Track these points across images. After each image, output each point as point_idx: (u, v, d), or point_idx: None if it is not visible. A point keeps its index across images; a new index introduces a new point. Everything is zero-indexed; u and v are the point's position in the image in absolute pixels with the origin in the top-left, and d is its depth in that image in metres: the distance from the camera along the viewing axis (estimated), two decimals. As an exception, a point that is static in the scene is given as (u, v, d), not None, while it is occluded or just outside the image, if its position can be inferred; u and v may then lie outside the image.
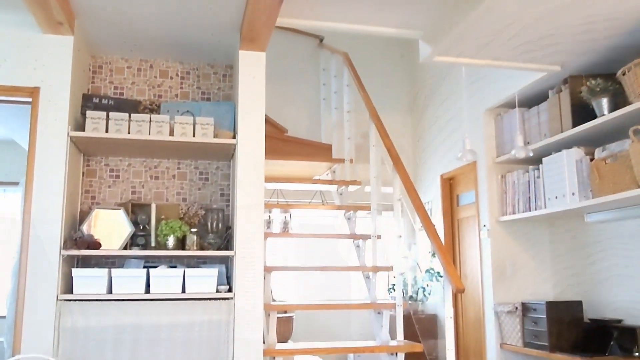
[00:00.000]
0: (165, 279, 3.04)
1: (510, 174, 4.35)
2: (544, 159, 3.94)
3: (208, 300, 3.04)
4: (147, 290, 3.03)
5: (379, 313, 3.73)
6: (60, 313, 2.89)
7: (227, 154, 3.44)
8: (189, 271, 3.08)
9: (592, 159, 3.54)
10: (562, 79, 3.84)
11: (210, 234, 3.27)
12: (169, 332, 2.97)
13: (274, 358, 3.24)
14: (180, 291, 3.04)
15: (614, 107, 3.39)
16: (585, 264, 4.09)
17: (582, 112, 3.64)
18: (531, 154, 3.89)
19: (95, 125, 3.11)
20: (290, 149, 4.42)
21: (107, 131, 3.11)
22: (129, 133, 3.13)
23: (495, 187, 4.48)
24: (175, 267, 3.22)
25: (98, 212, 3.19)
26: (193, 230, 3.22)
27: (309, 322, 5.44)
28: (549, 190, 3.87)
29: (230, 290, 3.13)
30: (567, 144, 3.79)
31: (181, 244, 3.21)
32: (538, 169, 4.02)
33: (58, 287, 2.91)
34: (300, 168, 4.58)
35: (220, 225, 3.32)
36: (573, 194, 3.63)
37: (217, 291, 3.09)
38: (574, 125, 3.67)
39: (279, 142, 4.45)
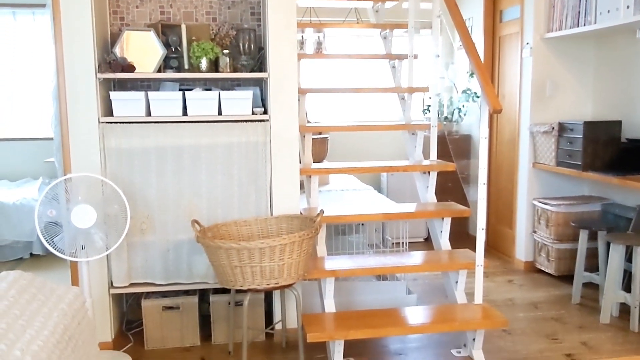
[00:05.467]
0: (201, 102, 3.06)
1: (561, -14, 4.02)
2: (600, -32, 3.60)
3: (244, 122, 3.09)
4: (185, 113, 3.08)
5: (413, 134, 3.76)
6: (104, 135, 3.00)
7: (256, -32, 3.24)
8: (224, 94, 3.08)
9: (655, -33, 3.21)
10: None
11: (242, 56, 3.21)
12: (209, 152, 3.08)
13: (310, 177, 3.36)
14: (217, 113, 3.08)
15: None
16: (630, 83, 3.93)
17: None
18: (587, -37, 3.55)
19: (115, -62, 2.91)
20: (323, -38, 4.12)
21: (128, -55, 2.92)
22: (151, -53, 2.94)
23: (542, 1, 4.18)
24: (210, 89, 3.22)
25: (129, 33, 3.12)
26: (225, 51, 3.16)
27: (344, 143, 5.55)
28: (601, 3, 3.59)
29: (265, 112, 3.15)
30: (628, -50, 3.43)
31: (214, 66, 3.17)
32: (592, -21, 3.70)
33: (98, 110, 2.97)
34: (333, -17, 4.32)
35: (252, 46, 3.24)
36: (627, 7, 3.37)
37: (253, 113, 3.12)
38: None
39: (311, -46, 4.14)
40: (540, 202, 4.26)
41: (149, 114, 3.05)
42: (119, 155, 3.02)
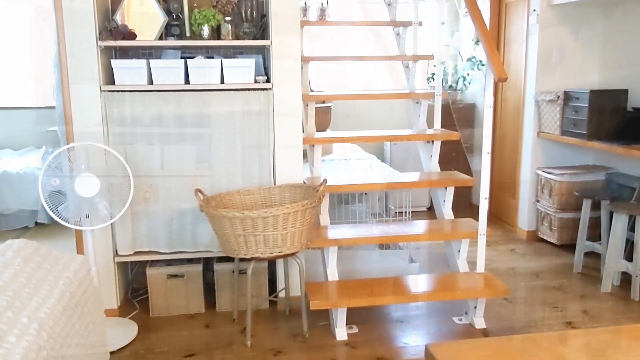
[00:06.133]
0: (204, 70, 3.03)
1: (570, -50, 3.93)
2: None
3: (247, 91, 3.07)
4: (187, 81, 3.06)
5: (417, 103, 3.73)
6: (106, 103, 2.98)
7: None
8: (226, 62, 3.05)
9: None
10: None
11: (245, 23, 3.16)
12: (211, 122, 3.06)
13: (313, 146, 3.35)
14: (219, 82, 3.06)
15: None
16: (638, 51, 3.88)
17: None
18: None
19: None
20: None
21: None
22: None
23: (550, -33, 4.10)
24: (212, 57, 3.19)
25: (129, 1, 3.08)
26: (227, 19, 3.11)
27: (347, 113, 5.52)
28: (611, -31, 3.52)
29: (268, 80, 3.13)
30: None
31: (216, 33, 3.13)
32: (602, -56, 3.61)
33: (100, 79, 2.95)
34: (337, -52, 4.23)
35: (254, 13, 3.20)
36: (638, -28, 3.30)
37: (256, 81, 3.09)
38: None
39: None
40: (544, 171, 4.25)
41: (150, 82, 3.03)
42: (121, 124, 3.01)
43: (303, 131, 3.46)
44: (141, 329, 3.02)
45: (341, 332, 2.91)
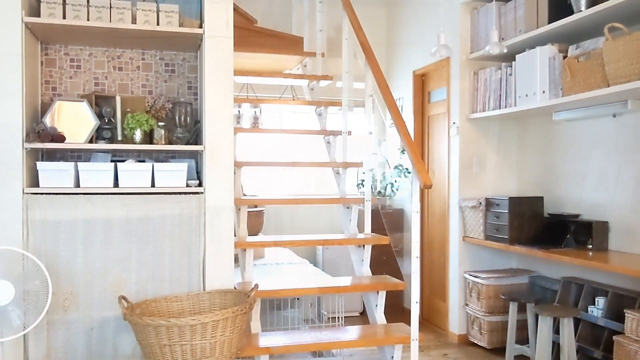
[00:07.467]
0: (134, 173, 3.00)
1: (483, 70, 4.32)
2: (517, 56, 3.90)
3: (178, 195, 3.04)
4: (116, 185, 3.00)
5: (347, 207, 3.81)
6: (28, 206, 2.86)
7: (194, 44, 3.30)
8: (158, 165, 3.04)
9: (565, 57, 3.51)
10: (543, -29, 3.73)
11: (178, 128, 3.20)
12: (140, 225, 2.99)
13: (245, 250, 3.31)
14: (150, 185, 3.02)
15: (591, 3, 3.32)
16: (549, 161, 4.19)
17: (560, 8, 3.56)
18: (505, 51, 3.84)
19: (52, 10, 2.91)
20: (260, 40, 4.26)
21: (64, 17, 2.92)
22: (88, 20, 2.95)
23: (467, 84, 4.46)
24: (143, 161, 3.17)
25: (60, 104, 3.07)
26: (160, 124, 3.14)
27: (280, 217, 5.54)
28: (520, 87, 3.87)
29: (200, 185, 3.12)
30: (542, 41, 3.75)
31: (149, 138, 3.14)
32: (511, 66, 3.99)
33: (24, 181, 2.85)
34: (270, 61, 4.45)
35: (188, 119, 3.25)
36: (543, 92, 3.64)
37: (187, 186, 3.08)
38: (550, 21, 3.60)
39: (249, 33, 4.28)
40: (471, 275, 4.35)
41: (77, 185, 2.96)
42: (43, 228, 2.88)
43: (235, 235, 3.43)
44: None
45: None
